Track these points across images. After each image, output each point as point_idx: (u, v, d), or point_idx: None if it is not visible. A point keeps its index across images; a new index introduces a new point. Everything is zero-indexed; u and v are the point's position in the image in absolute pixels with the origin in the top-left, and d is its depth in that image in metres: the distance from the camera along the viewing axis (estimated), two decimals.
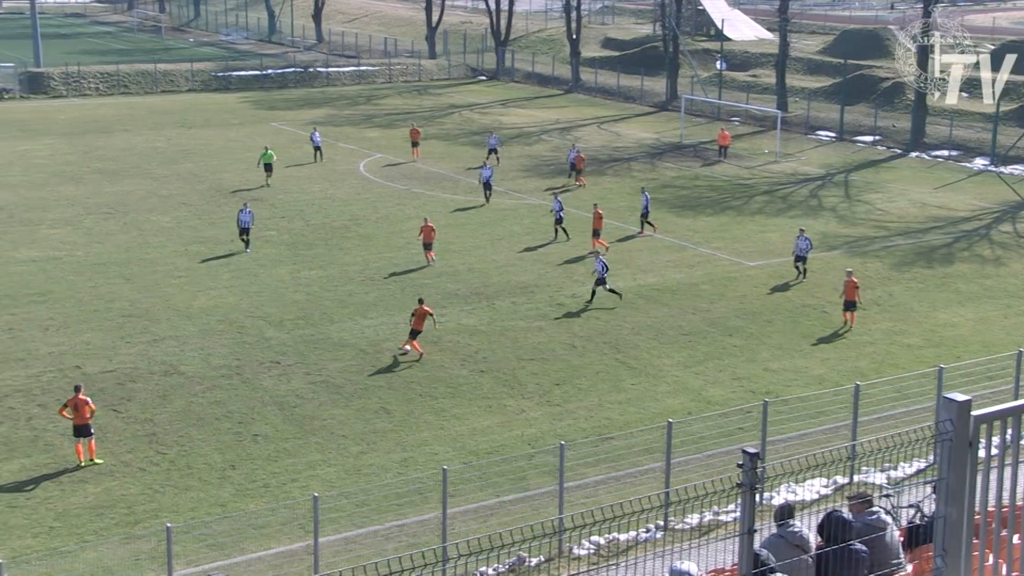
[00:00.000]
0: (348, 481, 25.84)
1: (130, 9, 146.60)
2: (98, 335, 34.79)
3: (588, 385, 31.79)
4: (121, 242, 45.19)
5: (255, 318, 36.62)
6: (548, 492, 24.72)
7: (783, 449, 25.81)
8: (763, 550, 10.55)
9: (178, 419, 29.01)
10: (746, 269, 43.05)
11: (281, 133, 70.57)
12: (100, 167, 59.52)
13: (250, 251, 43.64)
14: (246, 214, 44.22)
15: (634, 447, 27.11)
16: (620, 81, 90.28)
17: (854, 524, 11.31)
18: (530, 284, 40.49)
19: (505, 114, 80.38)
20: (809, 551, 11.12)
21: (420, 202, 52.53)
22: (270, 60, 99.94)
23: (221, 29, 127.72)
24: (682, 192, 56.22)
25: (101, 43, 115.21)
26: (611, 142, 70.31)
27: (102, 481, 25.73)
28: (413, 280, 40.65)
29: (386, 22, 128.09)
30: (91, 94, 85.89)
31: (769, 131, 72.01)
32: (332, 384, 31.43)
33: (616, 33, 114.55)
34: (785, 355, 34.31)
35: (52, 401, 29.31)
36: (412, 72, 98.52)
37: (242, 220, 44.07)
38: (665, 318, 37.36)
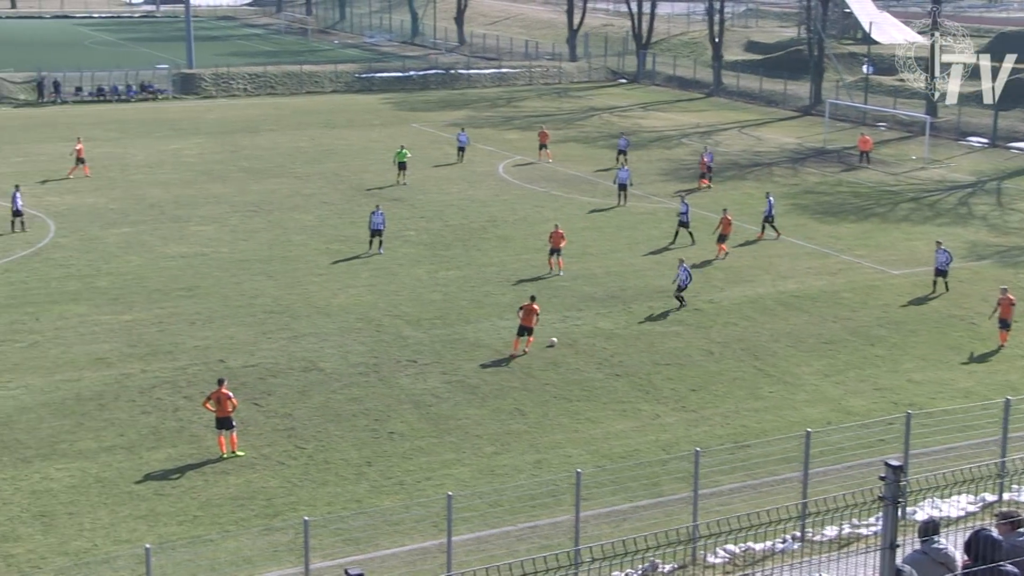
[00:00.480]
0: (482, 481, 25.96)
1: (278, 12, 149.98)
2: (241, 330, 35.63)
3: (724, 391, 31.41)
4: (265, 240, 46.21)
5: (393, 317, 37.08)
6: (682, 499, 24.47)
7: (927, 463, 25.10)
8: (906, 566, 10.28)
9: (316, 415, 29.53)
10: (890, 277, 42.05)
11: (421, 134, 71.38)
12: (246, 166, 60.97)
13: (383, 252, 43.97)
14: (378, 216, 44.63)
15: (771, 456, 26.68)
16: (763, 85, 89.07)
17: (1003, 544, 10.93)
18: (667, 288, 40.15)
19: (645, 117, 79.98)
20: (954, 569, 10.79)
21: (558, 204, 52.58)
22: (412, 62, 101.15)
23: (365, 31, 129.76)
24: (824, 198, 55.20)
25: (250, 45, 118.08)
26: (752, 146, 69.41)
27: (243, 473, 26.33)
28: (549, 282, 40.69)
29: (527, 24, 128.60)
30: (239, 94, 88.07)
31: (917, 137, 70.25)
32: (468, 384, 31.64)
33: (759, 36, 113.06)
34: (930, 366, 33.41)
35: (197, 393, 30.10)
36: (552, 75, 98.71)
37: (374, 222, 44.42)
38: (805, 326, 36.72)
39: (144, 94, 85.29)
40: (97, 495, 25.16)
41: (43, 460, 26.73)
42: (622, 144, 62.69)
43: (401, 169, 56.89)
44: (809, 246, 46.11)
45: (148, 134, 69.41)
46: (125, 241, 45.57)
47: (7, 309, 37.17)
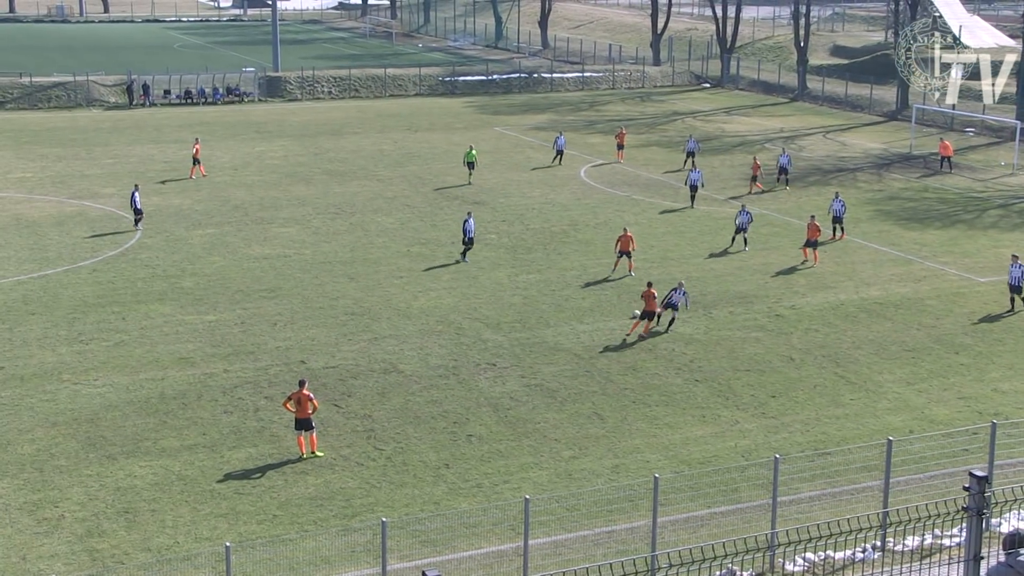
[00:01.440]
0: (559, 485, 25.96)
1: (363, 15, 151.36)
2: (322, 331, 35.99)
3: (805, 398, 31.09)
4: (347, 242, 46.64)
5: (473, 320, 37.21)
6: (761, 505, 24.27)
7: (1013, 474, 24.65)
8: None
9: (395, 416, 29.73)
10: (976, 285, 41.32)
11: (504, 138, 71.57)
12: (329, 168, 61.60)
13: (467, 261, 43.87)
14: (471, 223, 44.46)
15: (852, 464, 26.37)
16: (848, 90, 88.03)
17: None
18: (748, 294, 39.87)
19: (728, 122, 79.43)
20: None
21: (639, 209, 52.43)
22: (496, 65, 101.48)
23: (449, 35, 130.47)
24: (909, 204, 54.39)
25: (335, 48, 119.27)
26: (836, 151, 68.61)
27: (322, 473, 26.59)
28: (629, 286, 40.56)
29: (611, 28, 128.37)
30: (323, 97, 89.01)
31: (1007, 142, 68.92)
32: (546, 388, 31.65)
33: (846, 40, 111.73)
34: (1017, 376, 32.76)
35: (278, 394, 30.46)
36: (636, 78, 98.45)
37: (468, 228, 44.23)
38: (888, 333, 36.21)
39: (230, 97, 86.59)
40: (179, 493, 25.57)
41: (127, 457, 27.23)
42: (691, 146, 62.60)
43: (470, 169, 57.66)
44: (893, 252, 45.46)
45: (233, 136, 70.44)
46: (209, 242, 46.28)
47: (94, 308, 37.93)
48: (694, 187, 52.88)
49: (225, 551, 19.70)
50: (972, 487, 7.58)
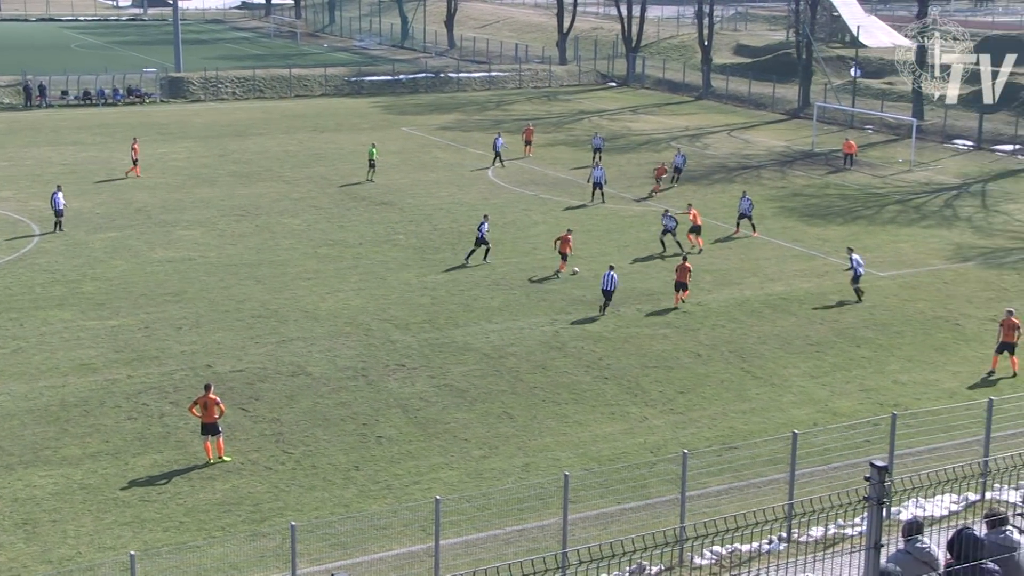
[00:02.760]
0: (470, 485, 25.95)
1: (267, 15, 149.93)
2: (229, 335, 35.56)
3: (712, 394, 31.45)
4: (253, 244, 46.15)
5: (381, 321, 37.05)
6: (670, 500, 24.49)
7: (912, 463, 25.16)
8: (891, 565, 10.30)
9: (304, 419, 29.48)
10: (876, 279, 42.13)
11: (411, 138, 71.37)
12: (234, 170, 60.90)
13: (490, 260, 43.33)
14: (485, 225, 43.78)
15: (758, 457, 26.74)
16: (751, 88, 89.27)
17: (986, 543, 10.96)
18: (655, 291, 40.21)
19: (634, 120, 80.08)
20: (937, 568, 10.82)
21: (547, 208, 52.62)
22: (402, 65, 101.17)
23: (355, 35, 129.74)
24: (812, 201, 55.30)
25: (238, 48, 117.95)
26: (741, 149, 69.53)
27: (230, 479, 26.27)
28: (538, 286, 40.71)
29: (517, 28, 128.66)
30: (228, 98, 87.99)
31: (903, 139, 70.44)
32: (456, 388, 31.62)
33: (748, 39, 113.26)
34: (915, 367, 33.49)
35: (184, 399, 30.03)
36: (542, 78, 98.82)
37: (482, 229, 43.51)
38: (792, 328, 36.78)
39: (131, 98, 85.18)
40: (81, 502, 25.08)
41: (26, 467, 26.63)
42: (597, 143, 63.39)
43: (371, 167, 58.13)
44: (797, 248, 46.18)
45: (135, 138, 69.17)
46: (111, 246, 45.48)
47: None
48: (598, 183, 53.58)
49: (130, 560, 19.35)
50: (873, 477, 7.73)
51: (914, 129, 67.70)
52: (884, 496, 7.98)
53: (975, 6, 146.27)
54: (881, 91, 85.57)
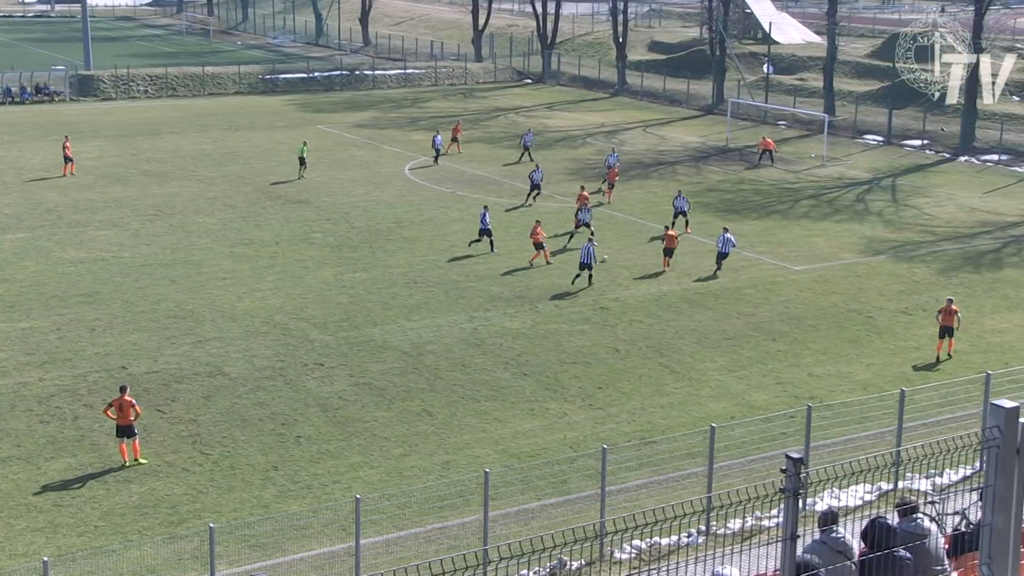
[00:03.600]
0: (390, 483, 25.87)
1: (179, 12, 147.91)
2: (144, 336, 35.07)
3: (631, 389, 31.67)
4: (167, 244, 45.54)
5: (299, 320, 36.78)
6: (590, 496, 24.64)
7: (827, 455, 25.58)
8: (812, 556, 10.45)
9: (222, 420, 29.18)
10: (791, 273, 42.74)
11: (326, 136, 70.90)
12: (147, 169, 60.05)
13: (496, 252, 44.26)
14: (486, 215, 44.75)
15: (676, 451, 26.99)
16: (666, 84, 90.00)
17: (898, 531, 11.17)
18: (573, 288, 40.38)
19: (550, 117, 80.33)
20: (852, 557, 11.00)
21: (464, 205, 52.57)
22: (317, 63, 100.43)
23: (268, 32, 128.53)
24: (727, 196, 55.92)
25: (150, 46, 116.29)
26: (656, 145, 70.10)
27: (146, 481, 25.91)
28: (456, 283, 40.69)
29: (432, 25, 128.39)
30: (139, 96, 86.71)
31: (816, 135, 71.46)
32: (375, 386, 31.50)
33: (663, 36, 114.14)
34: (830, 360, 34.03)
35: (98, 401, 29.55)
36: (458, 75, 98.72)
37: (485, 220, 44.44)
38: (709, 322, 37.17)
39: (39, 96, 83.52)
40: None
41: None
42: (527, 140, 63.52)
43: (301, 164, 57.86)
44: (712, 243, 46.58)
45: (44, 137, 67.87)
46: (21, 247, 44.59)
47: None
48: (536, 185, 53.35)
49: (43, 566, 19.01)
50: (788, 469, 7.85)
51: (826, 125, 68.74)
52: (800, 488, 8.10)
53: (882, 3, 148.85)
54: (793, 87, 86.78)
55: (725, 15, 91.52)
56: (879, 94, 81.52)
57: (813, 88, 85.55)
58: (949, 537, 12.99)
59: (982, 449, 7.59)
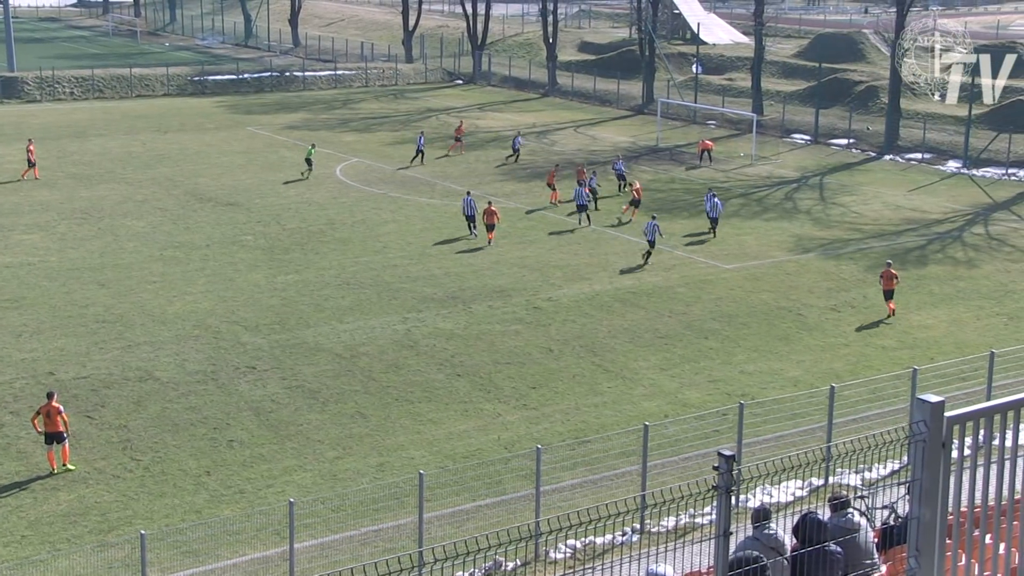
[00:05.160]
0: (324, 486, 25.73)
1: (105, 13, 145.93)
2: (72, 341, 34.56)
3: (564, 388, 31.77)
4: (95, 247, 44.93)
5: (231, 323, 36.45)
6: (525, 496, 24.68)
7: (759, 451, 25.85)
8: (748, 551, 10.54)
9: (153, 425, 28.84)
10: (722, 272, 43.12)
11: (256, 137, 70.36)
12: (74, 172, 59.20)
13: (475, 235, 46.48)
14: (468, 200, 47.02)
15: (610, 450, 27.12)
16: (597, 85, 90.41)
17: (829, 526, 11.32)
18: (506, 288, 40.45)
19: (482, 118, 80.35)
20: (784, 553, 11.13)
21: (396, 206, 52.45)
22: (246, 64, 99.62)
23: (197, 33, 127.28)
24: (658, 195, 56.25)
25: (76, 47, 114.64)
26: (587, 145, 70.37)
27: (75, 488, 25.54)
28: (389, 284, 40.57)
29: (363, 26, 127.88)
30: (65, 99, 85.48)
31: (745, 134, 72.19)
32: (308, 389, 31.31)
33: (592, 37, 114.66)
34: (761, 357, 34.37)
35: (25, 408, 29.08)
36: (389, 76, 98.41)
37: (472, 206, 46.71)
38: (641, 321, 37.38)
39: None
40: None
41: None
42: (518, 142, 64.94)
43: (308, 165, 58.74)
44: (644, 242, 46.88)
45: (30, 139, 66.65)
46: None
47: None
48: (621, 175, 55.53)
49: None
50: (721, 466, 7.91)
51: (754, 124, 69.46)
52: (732, 484, 8.17)
53: (808, 4, 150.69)
54: (722, 87, 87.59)
55: (654, 16, 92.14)
56: (806, 93, 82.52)
57: (741, 88, 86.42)
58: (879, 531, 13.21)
59: (909, 443, 7.71)
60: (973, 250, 47.18)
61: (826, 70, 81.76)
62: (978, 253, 46.67)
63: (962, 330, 37.09)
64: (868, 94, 79.65)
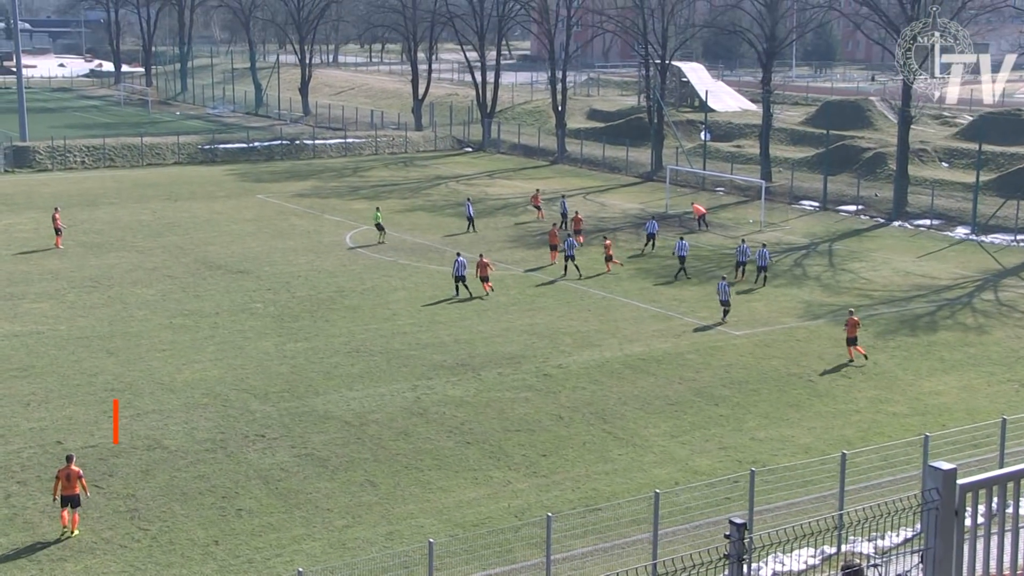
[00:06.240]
0: (333, 555, 25.55)
1: (117, 83, 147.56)
2: (80, 410, 34.53)
3: (575, 456, 31.61)
4: (105, 315, 45.04)
5: (240, 391, 36.42)
6: (535, 564, 24.48)
7: (770, 519, 25.64)
8: None
9: (161, 494, 28.71)
10: (732, 338, 43.04)
11: (267, 205, 70.76)
12: (84, 240, 59.52)
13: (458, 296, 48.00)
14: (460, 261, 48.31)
15: (621, 518, 26.92)
16: (605, 152, 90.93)
17: None
18: (516, 355, 40.40)
19: (491, 185, 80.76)
20: None
21: (406, 273, 52.59)
22: (257, 133, 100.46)
23: (208, 103, 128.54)
24: (668, 262, 56.30)
25: (87, 116, 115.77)
26: (597, 212, 70.60)
27: (82, 559, 25.38)
28: (399, 352, 40.55)
29: (372, 95, 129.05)
30: (76, 167, 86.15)
31: (753, 200, 72.41)
32: (317, 457, 31.19)
33: (601, 104, 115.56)
34: (772, 424, 34.20)
35: (32, 478, 29.01)
36: (398, 144, 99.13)
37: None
38: (651, 388, 37.27)
39: None
40: None
41: None
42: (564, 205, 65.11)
43: (380, 230, 59.78)
44: (654, 309, 46.94)
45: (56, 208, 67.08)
46: None
47: None
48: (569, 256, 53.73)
49: None
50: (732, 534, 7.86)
51: (763, 191, 69.70)
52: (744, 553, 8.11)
53: (815, 72, 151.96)
54: (730, 154, 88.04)
55: (662, 84, 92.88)
56: (814, 160, 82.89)
57: (750, 155, 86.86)
58: None
59: (922, 511, 7.65)
60: (983, 316, 47.08)
61: (834, 137, 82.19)
62: (988, 319, 46.56)
63: (973, 396, 36.91)
64: (876, 160, 79.97)
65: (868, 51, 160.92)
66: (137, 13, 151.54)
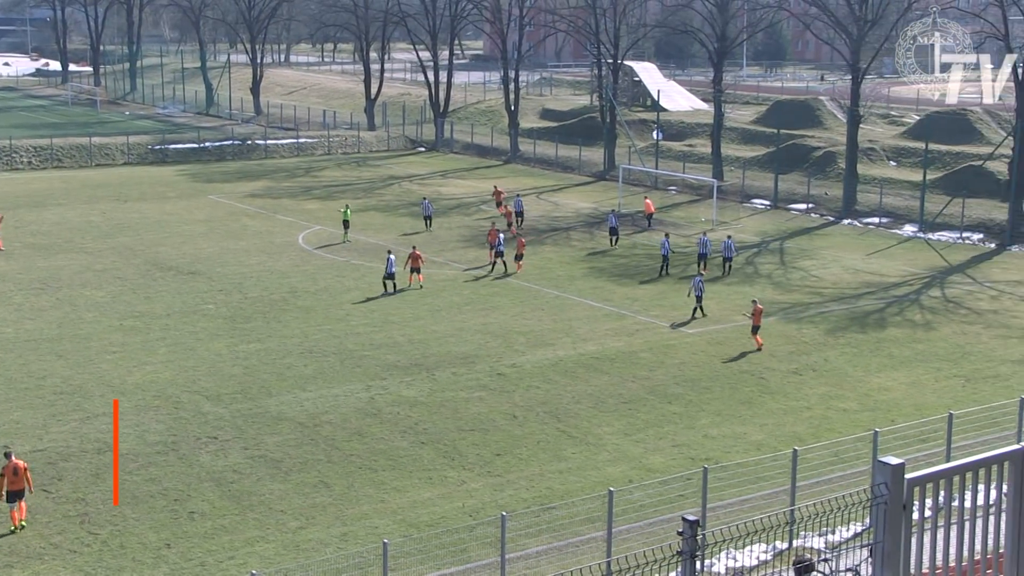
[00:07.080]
0: (287, 557, 25.44)
1: (64, 82, 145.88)
2: (28, 413, 34.15)
3: (529, 455, 31.66)
4: (53, 318, 44.56)
5: (192, 393, 36.17)
6: (490, 564, 24.50)
7: (723, 516, 25.80)
8: None
9: (111, 498, 28.44)
10: (684, 336, 43.27)
11: (218, 206, 70.29)
12: (32, 241, 58.84)
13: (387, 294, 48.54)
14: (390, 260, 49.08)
15: (575, 516, 27.00)
16: (558, 151, 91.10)
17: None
18: (470, 354, 40.40)
19: (444, 184, 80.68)
20: None
21: (359, 274, 52.43)
22: (208, 133, 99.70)
23: (158, 102, 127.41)
24: (620, 261, 56.55)
25: (34, 116, 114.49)
26: (550, 211, 70.74)
27: (30, 565, 25.10)
28: (352, 352, 40.43)
29: (324, 94, 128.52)
30: (23, 168, 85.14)
31: (705, 199, 72.82)
32: (271, 458, 31.04)
33: (554, 104, 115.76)
34: (724, 421, 34.42)
35: None
36: (351, 144, 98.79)
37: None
38: (605, 386, 37.39)
39: None
40: None
41: None
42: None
43: (345, 228, 60.04)
44: (607, 308, 47.08)
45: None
46: None
47: None
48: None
49: None
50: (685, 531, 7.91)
51: (715, 189, 70.11)
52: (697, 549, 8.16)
53: (765, 72, 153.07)
54: (683, 153, 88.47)
55: (615, 83, 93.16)
56: (765, 159, 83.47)
57: (702, 154, 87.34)
58: None
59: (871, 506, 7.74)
60: (931, 313, 47.62)
61: (784, 136, 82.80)
62: (935, 316, 47.11)
63: (921, 392, 37.34)
64: (826, 159, 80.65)
65: (818, 51, 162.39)
66: (85, 11, 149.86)
